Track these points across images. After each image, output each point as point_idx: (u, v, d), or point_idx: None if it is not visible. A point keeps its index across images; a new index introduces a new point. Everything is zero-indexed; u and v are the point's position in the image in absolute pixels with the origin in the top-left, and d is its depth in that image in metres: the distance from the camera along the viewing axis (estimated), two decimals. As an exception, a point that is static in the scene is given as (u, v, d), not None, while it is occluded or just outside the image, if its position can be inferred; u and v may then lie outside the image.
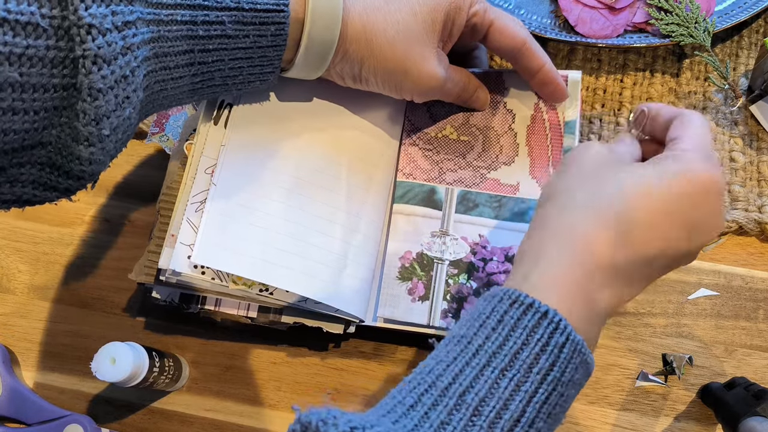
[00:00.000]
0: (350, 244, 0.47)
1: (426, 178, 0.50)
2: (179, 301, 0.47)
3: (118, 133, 0.34)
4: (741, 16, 0.54)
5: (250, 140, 0.46)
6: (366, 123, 0.50)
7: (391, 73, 0.43)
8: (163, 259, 0.44)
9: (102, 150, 0.34)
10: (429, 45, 0.43)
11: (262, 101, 0.47)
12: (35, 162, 0.33)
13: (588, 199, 0.35)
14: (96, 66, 0.31)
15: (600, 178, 0.35)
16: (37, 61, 0.30)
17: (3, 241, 0.57)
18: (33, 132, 0.32)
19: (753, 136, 0.54)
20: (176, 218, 0.45)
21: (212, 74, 0.39)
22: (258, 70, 0.41)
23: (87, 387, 0.53)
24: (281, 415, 0.51)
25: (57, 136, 0.33)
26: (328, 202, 0.47)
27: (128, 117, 0.34)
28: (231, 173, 0.45)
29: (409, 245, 0.48)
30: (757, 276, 0.51)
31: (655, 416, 0.49)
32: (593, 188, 0.35)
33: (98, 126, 0.32)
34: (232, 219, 0.44)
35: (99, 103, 0.32)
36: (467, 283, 0.47)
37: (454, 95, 0.48)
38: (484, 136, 0.50)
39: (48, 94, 0.31)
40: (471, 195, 0.49)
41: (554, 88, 0.48)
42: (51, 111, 0.32)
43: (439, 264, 0.47)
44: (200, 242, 0.43)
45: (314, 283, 0.45)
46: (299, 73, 0.43)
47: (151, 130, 0.55)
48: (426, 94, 0.46)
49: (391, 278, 0.47)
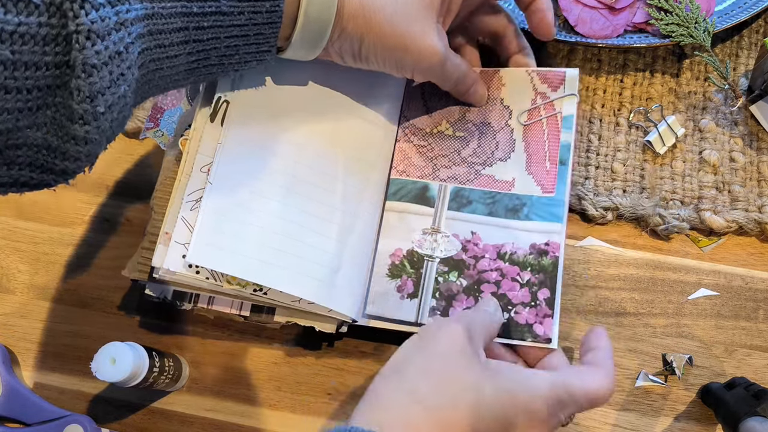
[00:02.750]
0: (345, 244, 0.47)
1: (419, 175, 0.50)
2: (172, 297, 0.47)
3: (114, 111, 0.34)
4: (741, 16, 0.54)
5: (247, 138, 0.46)
6: (363, 120, 0.50)
7: (391, 49, 0.43)
8: (157, 257, 0.44)
9: (97, 129, 0.33)
10: (428, 20, 0.43)
11: (259, 98, 0.47)
12: (31, 144, 0.33)
13: (432, 398, 0.35)
14: (90, 41, 0.31)
15: (451, 377, 0.36)
16: (29, 38, 0.29)
17: (3, 241, 0.57)
18: (27, 112, 0.31)
19: (753, 136, 0.54)
20: (171, 216, 0.45)
21: (208, 53, 0.39)
22: (254, 48, 0.40)
23: (87, 387, 0.53)
24: (281, 415, 0.51)
25: (52, 117, 0.32)
26: (324, 201, 0.47)
27: (123, 95, 0.34)
28: (227, 171, 0.45)
29: (400, 242, 0.48)
30: (757, 276, 0.51)
31: (655, 416, 0.49)
32: (441, 386, 0.35)
33: (93, 103, 0.32)
34: (227, 218, 0.44)
35: (93, 80, 0.31)
36: (457, 280, 0.47)
37: (452, 80, 0.48)
38: (480, 131, 0.50)
39: (41, 72, 0.30)
40: (465, 191, 0.49)
41: (544, 16, 0.48)
42: (45, 90, 0.31)
43: (429, 261, 0.47)
44: (195, 242, 0.43)
45: (309, 283, 0.45)
46: (296, 52, 0.42)
47: (146, 125, 0.55)
48: (426, 71, 0.45)
49: (381, 275, 0.47)
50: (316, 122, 0.48)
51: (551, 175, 0.48)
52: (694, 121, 0.55)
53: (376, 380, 0.36)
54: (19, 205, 0.58)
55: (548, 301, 0.45)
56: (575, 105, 0.49)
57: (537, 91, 0.50)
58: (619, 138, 0.55)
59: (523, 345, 0.45)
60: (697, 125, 0.55)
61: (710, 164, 0.53)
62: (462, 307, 0.46)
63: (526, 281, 0.46)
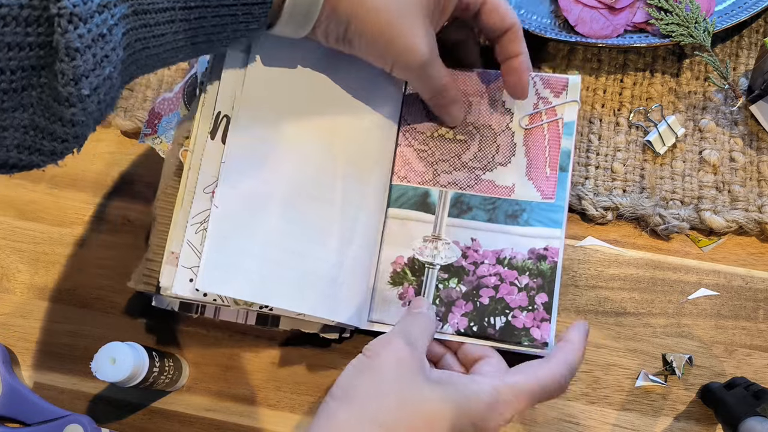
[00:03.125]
0: (346, 255, 0.47)
1: (420, 181, 0.50)
2: (179, 309, 0.48)
3: (100, 93, 0.34)
4: (741, 16, 0.53)
5: (249, 155, 0.45)
6: (363, 127, 0.49)
7: (376, 38, 0.42)
8: (164, 278, 0.44)
9: (83, 111, 0.33)
10: (418, 17, 0.43)
11: (259, 112, 0.46)
12: (18, 125, 0.33)
13: (387, 421, 0.35)
14: (72, 24, 0.30)
15: (402, 397, 0.36)
16: (10, 20, 0.29)
17: (3, 241, 0.57)
18: (12, 93, 0.31)
19: (753, 136, 0.54)
20: (176, 236, 0.44)
21: (195, 31, 0.38)
22: (243, 27, 0.40)
23: (87, 387, 0.53)
24: (281, 415, 0.51)
25: (38, 97, 0.32)
26: (323, 214, 0.47)
27: (108, 77, 0.34)
28: (231, 193, 0.44)
29: (402, 250, 0.48)
30: (757, 276, 0.51)
31: (655, 416, 0.49)
32: (393, 407, 0.36)
33: (77, 86, 0.32)
34: (233, 240, 0.44)
35: (77, 63, 0.31)
36: (457, 286, 0.47)
37: (430, 89, 0.47)
38: (481, 135, 0.50)
39: (24, 53, 0.30)
40: (465, 198, 0.49)
41: (520, 79, 0.48)
42: (29, 70, 0.31)
43: (430, 269, 0.47)
44: (203, 270, 0.43)
45: (313, 297, 0.45)
46: (285, 28, 0.42)
47: (144, 131, 0.55)
48: (405, 69, 0.45)
49: (383, 283, 0.48)
50: (316, 131, 0.48)
51: (551, 181, 0.48)
52: (694, 121, 0.55)
53: (328, 402, 0.37)
54: (19, 205, 0.58)
55: (546, 306, 0.45)
56: (577, 111, 0.49)
57: (539, 95, 0.50)
58: (619, 138, 0.55)
59: (520, 351, 0.45)
60: (697, 125, 0.55)
61: (710, 164, 0.53)
62: (461, 312, 0.46)
63: (524, 285, 0.46)
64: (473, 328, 0.45)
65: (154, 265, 0.45)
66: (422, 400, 0.36)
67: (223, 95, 0.46)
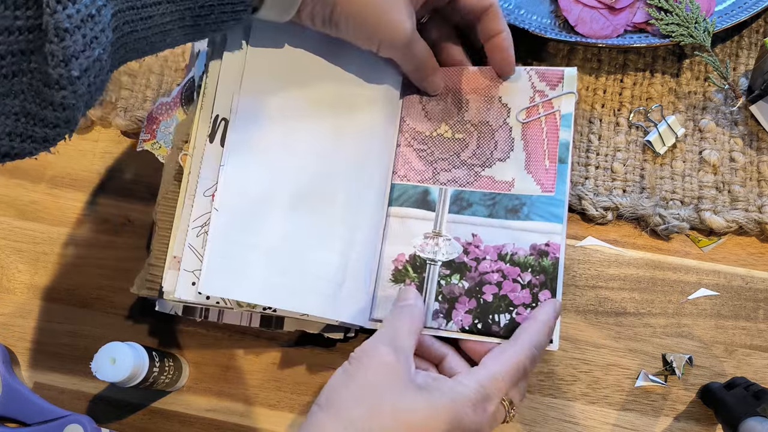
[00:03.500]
0: (348, 256, 0.47)
1: (420, 179, 0.50)
2: (182, 313, 0.48)
3: (90, 75, 0.34)
4: (741, 16, 0.54)
5: (248, 157, 0.46)
6: (362, 128, 0.49)
7: (363, 18, 0.43)
8: (167, 283, 0.44)
9: (74, 94, 0.33)
10: None
11: (257, 114, 0.46)
12: (9, 113, 0.33)
13: (365, 427, 0.36)
14: (60, 5, 0.30)
15: (388, 405, 0.37)
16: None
17: (3, 241, 0.57)
18: (2, 79, 0.31)
19: (753, 136, 0.54)
20: (177, 240, 0.45)
21: (182, 13, 0.38)
22: (229, 8, 0.40)
23: (87, 387, 0.53)
24: (281, 415, 0.51)
25: (28, 83, 0.32)
26: (325, 216, 0.47)
27: (98, 58, 0.34)
28: (232, 196, 0.44)
29: (403, 248, 0.48)
30: (757, 276, 0.51)
31: (655, 416, 0.49)
32: (379, 416, 0.36)
33: (67, 67, 0.32)
34: (234, 243, 0.44)
35: (66, 44, 0.31)
36: (459, 283, 0.47)
37: (414, 63, 0.48)
38: (479, 131, 0.50)
39: (13, 37, 0.30)
40: (465, 194, 0.49)
41: (506, 56, 0.49)
42: (18, 55, 0.31)
43: (432, 265, 0.47)
44: (206, 273, 0.43)
45: (316, 299, 0.45)
46: (270, 12, 0.42)
47: (142, 136, 0.55)
48: (391, 47, 0.46)
49: (385, 281, 0.48)
50: (315, 134, 0.48)
51: (550, 173, 0.48)
52: (694, 121, 0.55)
53: (314, 412, 0.37)
54: (19, 205, 0.58)
55: None
56: (574, 103, 0.49)
57: (535, 89, 0.50)
58: (619, 138, 0.55)
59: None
60: (697, 125, 0.55)
61: (710, 164, 0.53)
62: (464, 309, 0.46)
63: (527, 282, 0.46)
64: (478, 326, 0.45)
65: (156, 270, 0.45)
66: (408, 409, 0.36)
67: (221, 98, 0.46)
